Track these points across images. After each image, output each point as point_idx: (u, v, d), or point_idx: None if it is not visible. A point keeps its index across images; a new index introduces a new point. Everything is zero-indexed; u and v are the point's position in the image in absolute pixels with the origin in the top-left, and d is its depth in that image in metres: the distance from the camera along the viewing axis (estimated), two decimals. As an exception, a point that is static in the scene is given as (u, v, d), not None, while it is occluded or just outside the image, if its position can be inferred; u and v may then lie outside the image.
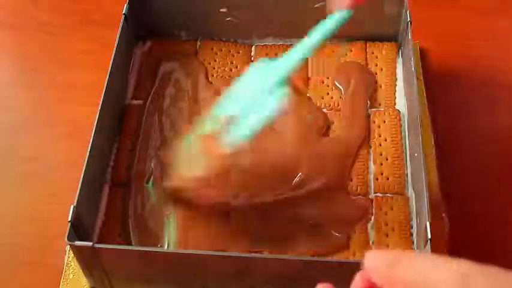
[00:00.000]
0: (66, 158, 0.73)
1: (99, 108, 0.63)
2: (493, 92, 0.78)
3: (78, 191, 0.57)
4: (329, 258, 0.59)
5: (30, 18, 0.87)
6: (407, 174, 0.66)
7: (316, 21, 0.74)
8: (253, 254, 0.57)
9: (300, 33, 0.67)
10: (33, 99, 0.80)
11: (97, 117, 0.63)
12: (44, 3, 0.89)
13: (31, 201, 0.70)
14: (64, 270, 0.64)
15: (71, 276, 0.63)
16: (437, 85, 0.76)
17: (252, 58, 0.76)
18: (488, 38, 0.83)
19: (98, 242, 0.55)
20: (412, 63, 0.66)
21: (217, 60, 0.76)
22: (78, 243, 0.54)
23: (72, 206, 0.56)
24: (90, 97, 0.75)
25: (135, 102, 0.73)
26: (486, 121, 0.75)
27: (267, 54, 0.76)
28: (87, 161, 0.59)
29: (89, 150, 0.60)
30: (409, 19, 0.69)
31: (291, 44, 0.76)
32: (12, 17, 0.88)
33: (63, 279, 0.63)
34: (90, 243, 0.54)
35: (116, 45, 0.68)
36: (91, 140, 0.61)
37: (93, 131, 0.61)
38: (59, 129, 0.76)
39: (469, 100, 0.77)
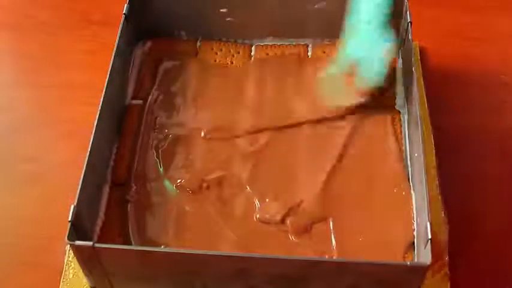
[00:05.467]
0: (66, 158, 0.73)
1: (99, 108, 0.63)
2: (493, 92, 0.78)
3: (78, 190, 0.57)
4: (328, 259, 0.59)
5: (30, 18, 0.87)
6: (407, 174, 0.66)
7: (316, 21, 0.75)
8: (252, 254, 0.57)
9: (300, 33, 0.67)
10: (33, 99, 0.80)
11: (97, 117, 0.63)
12: (44, 3, 0.89)
13: (31, 201, 0.70)
14: (64, 270, 0.64)
15: (71, 276, 0.63)
16: (437, 85, 0.76)
17: (252, 58, 0.76)
18: (488, 38, 0.83)
19: (98, 242, 0.55)
20: (412, 63, 0.66)
21: (217, 60, 0.76)
22: (78, 243, 0.54)
23: (72, 206, 0.56)
24: (90, 97, 0.75)
25: (135, 102, 0.73)
26: (486, 121, 0.75)
27: (267, 54, 0.76)
28: (87, 161, 0.59)
29: (89, 150, 0.60)
30: (409, 19, 0.69)
31: (291, 44, 0.77)
32: (12, 17, 0.88)
33: (63, 279, 0.63)
34: (90, 243, 0.54)
35: (116, 45, 0.68)
36: (91, 140, 0.61)
37: (93, 131, 0.61)
38: (59, 129, 0.76)
39: (468, 100, 0.77)
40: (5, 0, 0.90)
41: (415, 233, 0.61)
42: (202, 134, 0.69)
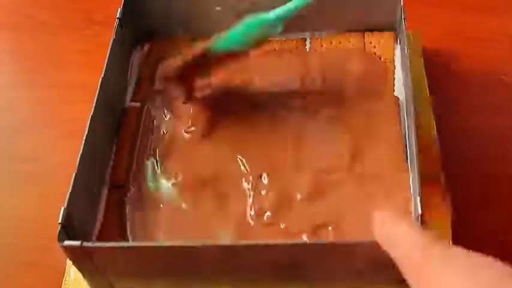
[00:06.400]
0: (66, 158, 0.72)
1: (92, 111, 0.63)
2: (495, 92, 0.78)
3: (68, 192, 0.57)
4: (320, 241, 0.58)
5: (30, 18, 0.87)
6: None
7: (314, 15, 0.74)
8: (242, 242, 0.57)
9: (299, 27, 0.65)
10: (33, 99, 0.80)
11: (89, 119, 0.62)
12: (44, 2, 0.89)
13: (31, 201, 0.70)
14: (66, 270, 0.63)
15: (73, 276, 0.63)
16: (439, 84, 0.76)
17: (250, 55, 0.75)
18: (491, 38, 0.82)
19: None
20: (406, 51, 0.66)
21: None
22: (66, 243, 0.54)
23: (62, 208, 0.56)
24: (91, 97, 0.75)
25: (133, 104, 0.72)
26: (488, 121, 0.75)
27: (264, 50, 0.74)
28: (79, 161, 0.59)
29: (81, 150, 0.60)
30: (401, 4, 0.69)
31: (289, 39, 0.76)
32: (12, 17, 0.88)
33: (65, 280, 0.63)
34: (78, 243, 0.54)
35: (109, 49, 0.67)
36: (83, 141, 0.60)
37: (86, 132, 0.61)
38: (59, 129, 0.76)
39: (471, 99, 0.76)
40: (5, 0, 0.90)
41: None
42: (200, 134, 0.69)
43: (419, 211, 0.54)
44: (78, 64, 0.82)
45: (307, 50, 0.76)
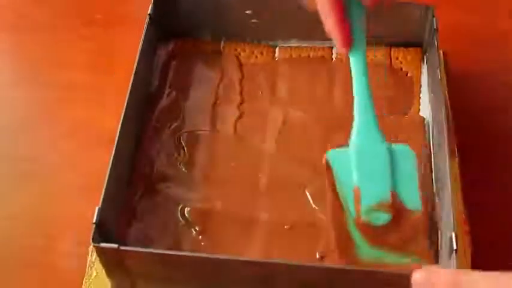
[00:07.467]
0: (67, 158, 0.73)
1: (123, 113, 0.61)
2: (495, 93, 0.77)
3: (103, 191, 0.56)
4: (357, 268, 0.56)
5: (30, 18, 0.87)
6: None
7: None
8: (277, 260, 0.55)
9: (325, 35, 0.64)
10: (33, 99, 0.80)
11: (121, 118, 0.61)
12: (44, 2, 0.89)
13: (30, 200, 0.70)
14: (87, 269, 0.62)
15: (94, 274, 0.62)
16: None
17: (276, 59, 0.75)
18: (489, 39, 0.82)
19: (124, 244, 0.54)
20: (438, 72, 0.65)
21: (241, 60, 0.75)
22: (103, 245, 0.53)
23: (97, 208, 0.54)
24: (90, 97, 0.75)
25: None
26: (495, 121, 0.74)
27: (291, 56, 0.75)
28: (112, 162, 0.58)
29: (113, 150, 0.58)
30: (435, 26, 0.67)
31: (316, 46, 0.75)
32: (12, 17, 0.88)
33: (86, 278, 0.62)
34: (115, 246, 0.53)
35: (140, 46, 0.65)
36: (116, 141, 0.59)
37: (118, 131, 0.60)
38: (59, 129, 0.76)
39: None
40: (5, 0, 0.90)
41: None
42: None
43: (455, 247, 0.52)
44: (78, 64, 0.81)
45: (334, 59, 0.75)
